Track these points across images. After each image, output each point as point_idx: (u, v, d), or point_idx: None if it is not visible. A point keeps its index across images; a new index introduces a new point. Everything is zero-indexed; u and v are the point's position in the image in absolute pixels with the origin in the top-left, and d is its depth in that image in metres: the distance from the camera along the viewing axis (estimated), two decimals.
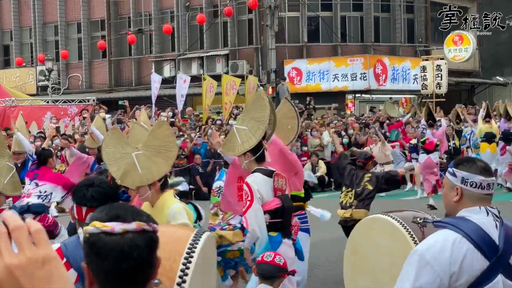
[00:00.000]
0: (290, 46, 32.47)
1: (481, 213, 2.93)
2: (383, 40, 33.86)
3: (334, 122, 23.45)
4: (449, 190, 3.04)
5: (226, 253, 7.50)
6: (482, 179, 2.96)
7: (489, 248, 2.82)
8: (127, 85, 35.87)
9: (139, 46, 35.39)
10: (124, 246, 1.80)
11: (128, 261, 1.79)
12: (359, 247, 4.51)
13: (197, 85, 28.81)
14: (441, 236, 2.89)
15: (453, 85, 33.84)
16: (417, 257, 2.85)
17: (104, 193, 3.56)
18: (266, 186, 5.85)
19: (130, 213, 1.87)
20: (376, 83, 31.28)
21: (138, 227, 1.82)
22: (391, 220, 4.08)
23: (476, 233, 2.84)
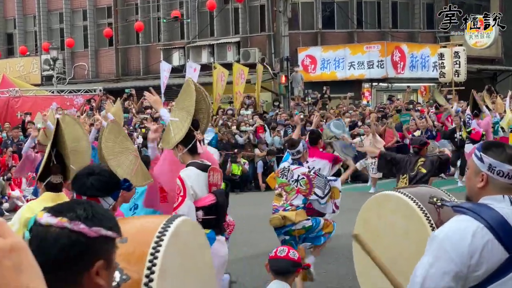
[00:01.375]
0: (304, 33, 32.41)
1: (504, 202, 2.91)
2: (401, 26, 33.72)
3: (350, 112, 23.41)
4: (474, 174, 3.02)
5: (291, 232, 8.00)
6: (510, 168, 2.94)
7: (510, 240, 2.82)
8: (135, 74, 35.94)
9: (147, 34, 35.44)
10: (41, 238, 1.84)
11: (42, 256, 1.77)
12: (370, 223, 4.50)
13: (208, 74, 28.82)
14: (461, 223, 2.88)
15: (474, 72, 33.65)
16: (436, 244, 2.85)
17: (105, 181, 3.57)
18: (200, 181, 5.73)
19: (66, 208, 1.88)
20: (394, 71, 31.17)
21: (58, 223, 1.84)
22: (406, 198, 4.04)
23: (498, 223, 2.83)
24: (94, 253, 1.85)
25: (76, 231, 1.84)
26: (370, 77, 31.35)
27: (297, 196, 8.06)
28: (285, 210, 8.06)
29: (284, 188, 8.18)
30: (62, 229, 1.83)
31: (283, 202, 8.16)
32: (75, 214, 1.86)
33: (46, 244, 1.83)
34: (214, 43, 32.61)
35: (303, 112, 24.13)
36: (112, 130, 5.60)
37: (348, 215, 13.35)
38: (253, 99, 26.32)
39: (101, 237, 1.86)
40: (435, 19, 34.31)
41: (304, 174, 8.12)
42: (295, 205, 8.06)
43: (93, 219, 1.87)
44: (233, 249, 10.84)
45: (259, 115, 23.24)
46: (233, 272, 9.51)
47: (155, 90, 27.49)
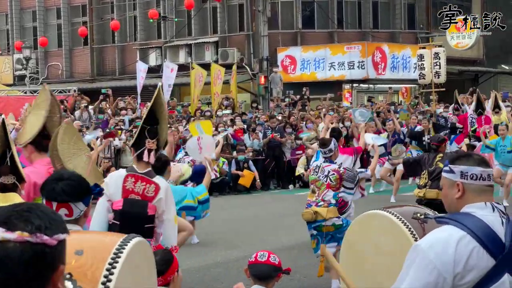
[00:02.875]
0: (284, 33, 32.46)
1: (487, 209, 2.95)
2: (382, 26, 33.88)
3: (330, 113, 23.47)
4: (449, 188, 3.06)
5: (321, 227, 8.52)
6: (481, 170, 3.00)
7: (495, 246, 2.84)
8: (110, 74, 35.80)
9: (123, 33, 35.32)
10: (0, 255, 1.77)
11: (1, 273, 1.76)
12: (355, 246, 4.51)
13: (185, 74, 28.79)
14: (445, 233, 2.90)
15: (455, 74, 33.91)
16: (418, 254, 2.87)
17: (75, 186, 3.55)
18: (118, 183, 5.97)
19: (19, 219, 1.82)
20: (374, 72, 31.32)
21: (18, 238, 1.77)
22: (390, 216, 4.08)
23: (482, 230, 2.86)
24: (57, 260, 1.84)
25: (39, 243, 1.79)
26: (351, 78, 31.47)
27: (327, 191, 8.70)
28: (318, 205, 8.68)
29: (315, 184, 8.86)
30: (22, 243, 1.77)
31: (316, 198, 8.79)
32: (34, 226, 1.81)
33: (7, 261, 1.76)
34: (192, 42, 32.57)
35: (282, 113, 24.17)
36: (67, 131, 5.58)
37: None
38: (231, 100, 26.32)
39: (60, 242, 1.84)
40: (416, 19, 34.55)
41: (335, 170, 8.77)
42: (327, 200, 8.66)
43: (51, 226, 1.83)
44: (211, 254, 10.85)
45: (239, 117, 23.24)
46: (212, 276, 9.52)
47: (131, 90, 27.41)
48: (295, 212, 15.15)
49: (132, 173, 5.99)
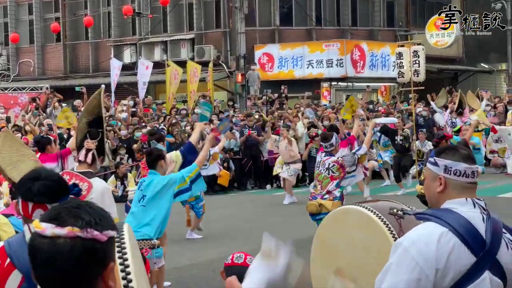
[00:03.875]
0: (261, 30, 32.46)
1: (467, 205, 2.96)
2: (361, 24, 33.99)
3: (308, 113, 23.50)
4: (432, 181, 3.07)
5: None
6: (466, 166, 3.00)
7: (476, 243, 2.85)
8: (83, 71, 35.58)
9: (97, 29, 35.12)
10: (50, 251, 1.79)
11: (52, 269, 1.78)
12: (328, 242, 4.49)
13: (160, 71, 28.69)
14: (426, 229, 2.91)
15: (435, 72, 34.11)
16: (400, 251, 2.87)
17: (53, 186, 3.49)
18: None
19: (69, 215, 1.84)
20: (353, 70, 31.41)
21: (69, 233, 1.80)
22: (366, 211, 4.07)
23: (463, 226, 2.87)
24: (108, 257, 1.87)
25: (90, 238, 1.82)
26: (329, 76, 31.53)
27: (331, 182, 9.20)
28: (323, 198, 9.17)
29: (317, 178, 9.39)
30: (73, 239, 1.80)
31: (319, 190, 9.27)
32: (84, 221, 1.83)
33: (58, 257, 1.78)
34: (167, 39, 32.46)
35: (259, 112, 24.16)
36: (6, 140, 5.56)
37: (307, 218, 13.41)
38: (207, 99, 26.26)
39: (110, 239, 1.88)
40: (395, 17, 34.69)
41: (335, 161, 9.30)
42: (332, 193, 9.17)
43: (101, 222, 1.87)
44: (187, 255, 10.81)
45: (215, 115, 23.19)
46: (188, 278, 9.49)
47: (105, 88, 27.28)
48: (272, 213, 15.19)
49: (68, 171, 6.07)
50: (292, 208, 15.87)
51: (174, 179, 7.47)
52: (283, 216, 14.74)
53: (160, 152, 8.01)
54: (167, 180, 7.47)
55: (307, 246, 4.61)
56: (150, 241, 7.26)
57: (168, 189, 7.41)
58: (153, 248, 7.26)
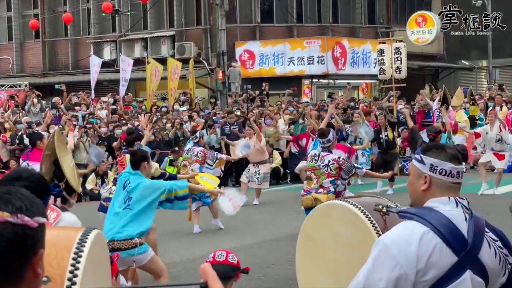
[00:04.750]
0: (242, 27, 32.45)
1: (450, 204, 2.96)
2: (342, 20, 34.07)
3: (289, 109, 23.55)
4: (416, 178, 3.06)
5: None
6: (452, 166, 3.00)
7: (458, 242, 2.86)
8: (63, 68, 35.40)
9: (76, 26, 34.95)
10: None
11: None
12: (313, 237, 4.50)
13: (141, 69, 28.61)
14: (408, 228, 2.91)
15: (416, 69, 34.27)
16: (381, 249, 2.87)
17: (33, 187, 3.47)
18: None
19: (1, 200, 1.84)
20: (334, 67, 31.47)
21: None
22: (351, 207, 4.08)
23: (445, 226, 2.87)
24: (37, 243, 1.85)
25: (20, 224, 1.81)
26: (310, 73, 31.58)
27: (327, 179, 9.39)
28: (317, 192, 9.35)
29: (314, 171, 9.51)
30: (3, 224, 1.79)
31: (314, 185, 9.46)
32: (15, 207, 1.83)
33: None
34: (147, 36, 32.37)
35: (240, 109, 24.16)
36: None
37: (288, 216, 13.44)
38: (188, 96, 26.24)
39: (40, 226, 1.86)
40: (376, 14, 34.81)
41: (334, 160, 9.45)
42: (326, 187, 9.37)
43: (32, 209, 1.86)
44: (169, 253, 10.80)
45: (196, 113, 23.18)
46: (169, 276, 9.46)
47: (84, 85, 26.97)
48: (254, 211, 15.19)
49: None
50: (275, 205, 15.89)
51: (164, 189, 7.51)
52: (266, 213, 14.76)
53: (144, 153, 8.02)
54: (157, 188, 7.50)
55: (291, 243, 4.62)
56: (131, 240, 7.30)
57: (156, 196, 7.44)
58: (135, 247, 7.29)
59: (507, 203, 8.16)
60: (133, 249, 7.29)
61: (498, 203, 12.84)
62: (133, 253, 7.27)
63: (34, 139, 10.71)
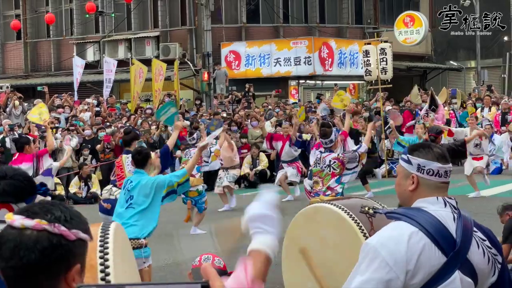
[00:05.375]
0: (228, 28, 32.44)
1: (438, 203, 2.97)
2: (329, 21, 34.13)
3: (276, 110, 23.57)
4: (404, 178, 3.07)
5: None
6: (439, 166, 3.01)
7: (447, 242, 2.87)
8: (45, 70, 35.27)
9: (59, 27, 34.82)
10: (16, 242, 1.82)
11: (15, 260, 1.81)
12: (299, 240, 4.50)
13: (125, 70, 28.55)
14: (396, 229, 2.92)
15: (404, 70, 34.39)
16: (370, 251, 2.87)
17: (19, 186, 3.45)
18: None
19: (41, 209, 1.88)
20: (321, 68, 31.52)
21: (37, 225, 1.83)
22: (336, 209, 4.08)
23: (433, 226, 2.88)
24: (73, 257, 1.88)
25: (57, 233, 1.84)
26: (297, 74, 31.61)
27: (332, 179, 9.50)
28: (326, 194, 9.39)
29: (319, 175, 9.62)
30: (40, 232, 1.83)
31: (321, 187, 9.54)
32: (54, 216, 1.87)
33: (23, 248, 1.81)
34: (131, 37, 32.30)
35: (226, 110, 24.15)
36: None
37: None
38: (173, 97, 26.20)
39: (78, 240, 1.89)
40: (363, 14, 34.89)
41: (335, 158, 9.56)
42: (334, 189, 9.46)
43: (72, 221, 1.89)
44: (154, 257, 10.76)
45: (181, 115, 23.13)
46: (155, 280, 9.44)
47: (67, 87, 26.88)
48: (241, 214, 15.15)
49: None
50: None
51: (163, 182, 7.55)
52: None
53: (148, 151, 8.08)
54: (156, 183, 7.54)
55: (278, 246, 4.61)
56: (137, 240, 7.34)
57: (157, 191, 7.48)
58: (141, 247, 7.35)
59: (495, 206, 8.20)
60: (139, 249, 7.34)
61: (487, 205, 12.89)
62: (139, 255, 7.32)
63: (21, 143, 10.55)
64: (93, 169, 19.65)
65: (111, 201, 9.42)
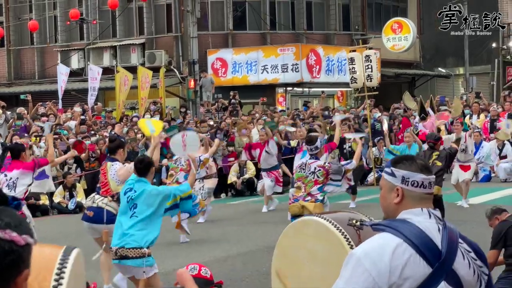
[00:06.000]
0: (214, 34, 32.48)
1: (423, 215, 3.00)
2: (317, 27, 34.23)
3: (263, 118, 23.60)
4: (388, 192, 3.10)
5: None
6: (423, 177, 3.05)
7: (432, 253, 2.89)
8: (29, 78, 35.18)
9: (43, 34, 34.76)
10: None
11: None
12: (289, 253, 4.54)
13: (110, 78, 28.53)
14: (380, 240, 2.94)
15: (392, 77, 34.53)
16: (353, 262, 2.90)
17: None
18: None
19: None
20: (309, 75, 31.59)
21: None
22: (324, 222, 4.12)
23: (418, 237, 2.90)
24: (22, 262, 1.88)
25: (7, 239, 1.84)
26: (285, 82, 31.65)
27: (315, 186, 9.59)
28: (305, 200, 9.52)
29: (302, 180, 9.70)
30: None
31: (302, 193, 9.63)
32: (4, 222, 1.87)
33: None
34: (116, 44, 32.28)
35: (212, 118, 24.18)
36: None
37: (263, 228, 13.45)
38: (159, 105, 26.20)
39: (27, 245, 1.90)
40: (351, 20, 35.01)
41: (320, 166, 9.67)
42: (314, 196, 9.55)
43: (21, 226, 1.89)
44: None
45: (167, 123, 23.13)
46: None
47: (52, 95, 26.83)
48: (227, 223, 15.19)
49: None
50: (249, 217, 15.90)
51: (168, 195, 7.68)
52: (240, 225, 14.77)
53: (151, 160, 8.17)
54: (163, 193, 7.71)
55: (266, 255, 4.64)
56: (140, 250, 7.45)
57: (162, 202, 7.63)
58: (143, 256, 7.43)
59: (484, 213, 8.25)
60: (141, 258, 7.44)
61: (476, 213, 12.94)
62: (141, 264, 7.41)
63: (17, 150, 10.46)
64: (78, 178, 19.62)
65: (94, 209, 9.45)
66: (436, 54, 40.40)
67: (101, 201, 9.42)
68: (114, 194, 9.34)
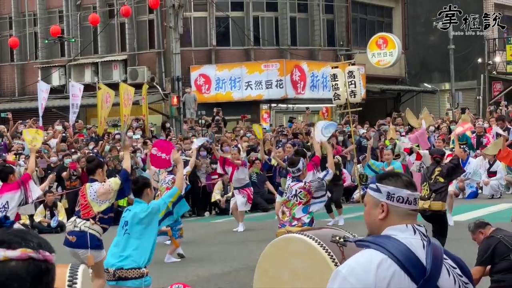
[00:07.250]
0: (197, 50, 32.54)
1: (408, 231, 3.03)
2: (301, 43, 34.34)
3: (247, 135, 23.65)
4: (373, 207, 3.13)
5: None
6: (409, 193, 3.09)
7: (417, 270, 2.92)
8: (9, 95, 35.07)
9: (23, 51, 34.70)
10: (2, 276, 1.82)
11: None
12: (270, 272, 4.55)
13: (91, 95, 28.49)
14: (365, 257, 2.97)
15: (377, 93, 34.69)
16: (339, 280, 2.92)
17: None
18: None
19: (17, 238, 1.89)
20: (293, 91, 31.65)
21: (22, 255, 1.85)
22: (307, 239, 4.13)
23: (403, 253, 2.94)
24: (53, 280, 1.93)
25: (41, 260, 1.88)
26: (269, 98, 31.67)
27: (299, 207, 9.65)
28: (292, 225, 9.51)
29: (285, 204, 9.81)
30: (26, 260, 1.84)
31: (287, 217, 9.72)
32: (34, 243, 1.89)
33: (15, 279, 1.82)
34: (98, 61, 32.27)
35: (196, 135, 24.15)
36: None
37: (248, 247, 13.46)
38: (141, 122, 26.17)
39: (53, 263, 1.94)
40: (336, 36, 35.16)
41: (301, 187, 9.71)
42: (301, 220, 9.59)
43: (47, 245, 1.94)
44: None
45: (149, 140, 23.10)
46: None
47: (32, 112, 26.81)
48: (213, 242, 15.17)
49: None
50: (234, 236, 15.89)
51: (158, 207, 7.74)
52: (224, 244, 14.75)
53: (146, 180, 8.18)
54: (151, 208, 7.70)
55: (250, 275, 4.65)
56: (138, 270, 7.44)
57: (152, 217, 7.65)
58: (142, 276, 7.44)
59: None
60: (140, 279, 7.45)
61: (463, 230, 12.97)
62: (140, 284, 7.44)
63: (6, 172, 10.37)
64: (59, 196, 19.53)
65: (76, 233, 9.29)
66: (422, 70, 40.64)
67: (83, 225, 9.25)
68: (95, 215, 9.24)
